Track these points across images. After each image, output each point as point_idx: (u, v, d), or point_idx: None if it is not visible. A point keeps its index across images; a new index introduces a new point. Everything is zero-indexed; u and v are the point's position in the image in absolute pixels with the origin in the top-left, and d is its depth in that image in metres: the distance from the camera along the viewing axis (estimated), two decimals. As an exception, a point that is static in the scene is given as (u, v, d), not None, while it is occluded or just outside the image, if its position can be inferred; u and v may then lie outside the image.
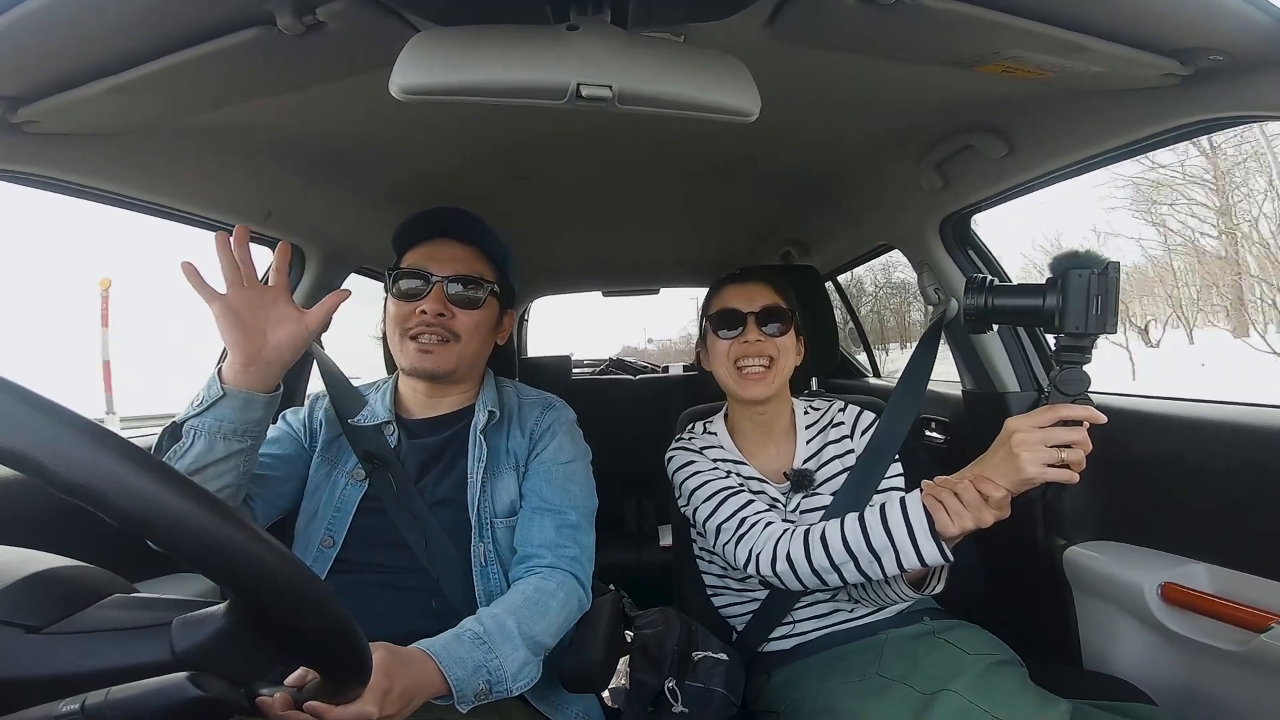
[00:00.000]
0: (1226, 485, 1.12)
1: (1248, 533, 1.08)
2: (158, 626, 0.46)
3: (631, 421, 2.99)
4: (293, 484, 1.14)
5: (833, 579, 1.02)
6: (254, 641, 0.47)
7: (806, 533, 1.05)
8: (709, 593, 1.33)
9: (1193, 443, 1.19)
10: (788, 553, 1.04)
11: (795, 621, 1.20)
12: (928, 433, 1.90)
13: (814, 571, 1.02)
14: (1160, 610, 1.16)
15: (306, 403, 1.24)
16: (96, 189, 1.11)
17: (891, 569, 0.96)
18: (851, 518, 1.01)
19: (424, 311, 1.07)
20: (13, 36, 0.72)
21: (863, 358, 3.25)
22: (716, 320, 1.25)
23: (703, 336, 1.31)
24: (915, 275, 1.73)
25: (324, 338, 1.69)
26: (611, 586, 1.25)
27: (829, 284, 2.73)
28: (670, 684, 1.08)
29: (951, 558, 0.93)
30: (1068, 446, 0.84)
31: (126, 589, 0.51)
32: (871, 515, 0.99)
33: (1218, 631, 1.08)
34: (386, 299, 1.14)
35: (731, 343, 1.22)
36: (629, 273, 3.17)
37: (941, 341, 1.48)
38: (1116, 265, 0.83)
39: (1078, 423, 0.84)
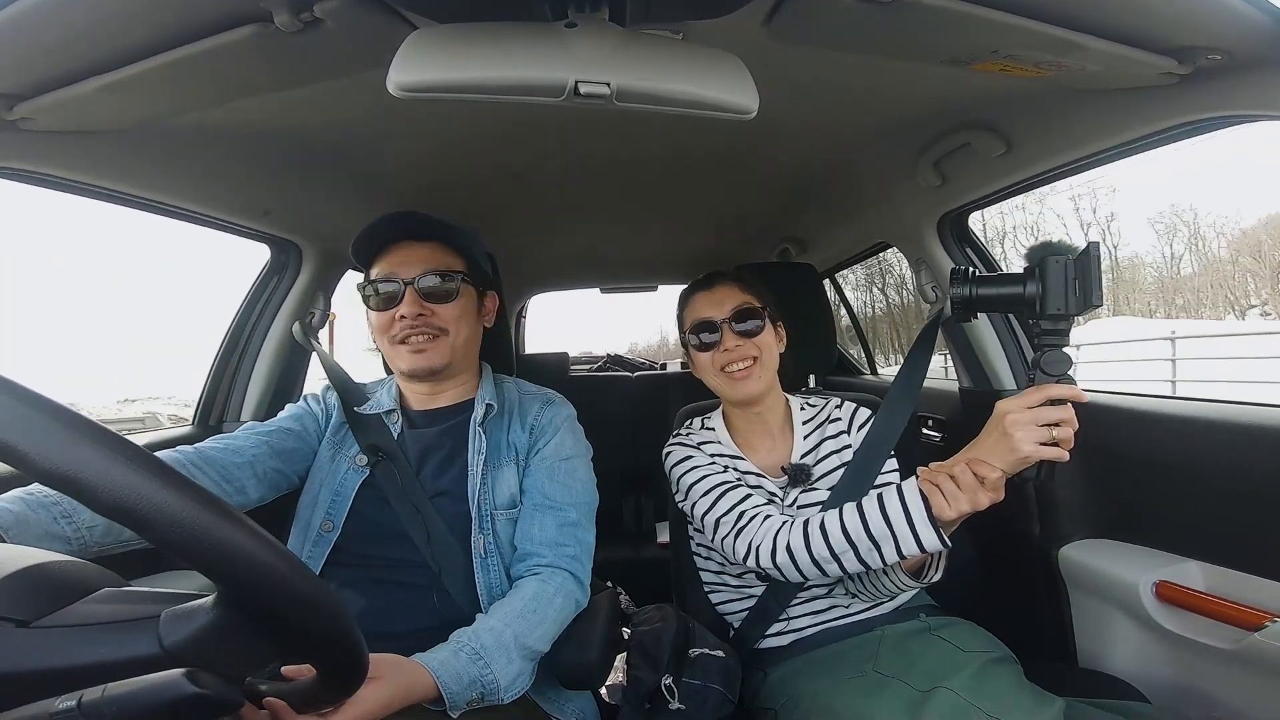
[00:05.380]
0: (1221, 484, 1.12)
1: (1242, 531, 1.09)
2: (146, 620, 0.46)
3: (629, 418, 2.99)
4: (309, 462, 1.17)
5: (833, 569, 1.02)
6: (245, 635, 0.46)
7: (806, 523, 1.05)
8: (706, 589, 1.33)
9: (1188, 441, 1.19)
10: (787, 544, 1.05)
11: (792, 618, 1.20)
12: (925, 430, 1.90)
13: (814, 561, 1.03)
14: (1155, 608, 1.16)
15: (320, 389, 1.27)
16: (93, 186, 1.11)
17: (891, 556, 0.97)
18: (850, 507, 1.02)
19: (403, 316, 1.09)
20: (9, 33, 0.72)
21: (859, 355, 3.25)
22: (693, 333, 1.25)
23: (685, 348, 1.31)
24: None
25: (321, 336, 1.70)
26: (609, 584, 1.26)
27: (827, 281, 2.74)
28: (667, 681, 1.08)
29: (949, 543, 0.94)
30: (1057, 425, 0.87)
31: (118, 584, 0.51)
32: (869, 504, 1.00)
33: (1212, 630, 1.08)
34: (367, 311, 1.15)
35: (713, 353, 1.23)
36: (627, 270, 3.17)
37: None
38: (1096, 245, 0.86)
39: (1063, 402, 0.88)
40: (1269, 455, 1.04)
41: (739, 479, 1.21)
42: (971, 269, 0.95)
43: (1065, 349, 0.89)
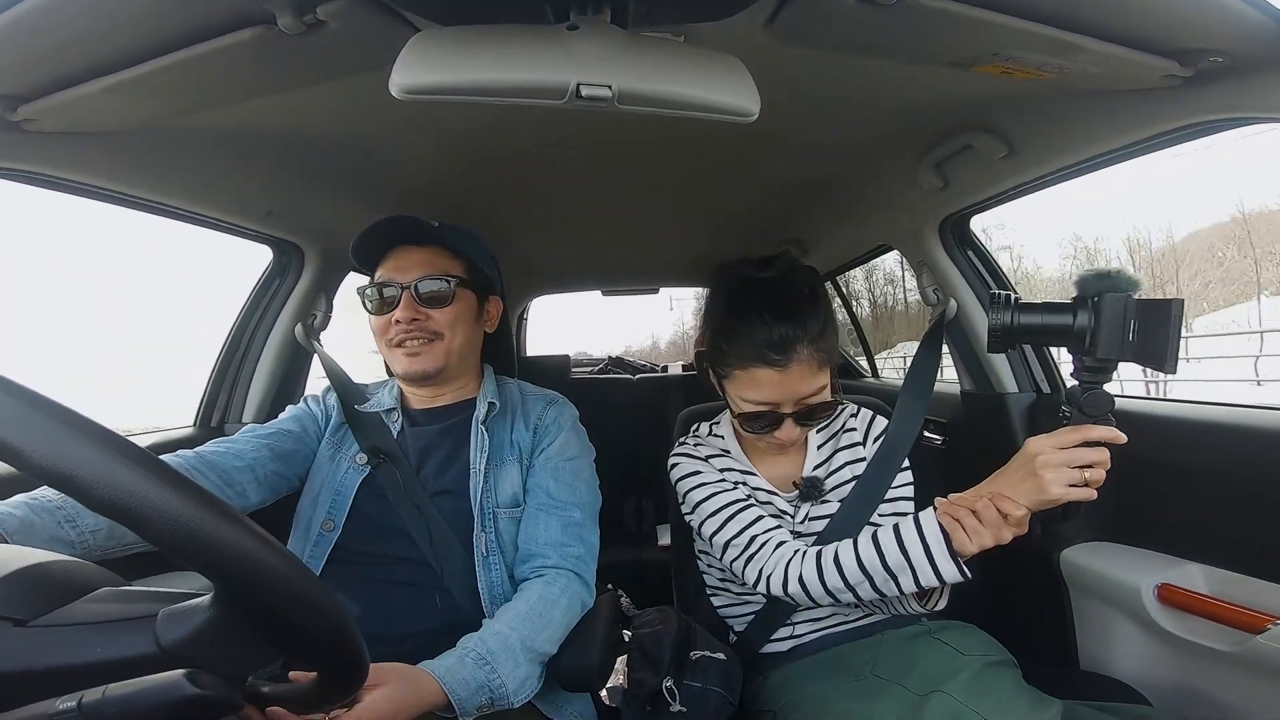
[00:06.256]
0: (1223, 486, 1.12)
1: (1244, 534, 1.09)
2: (143, 619, 0.46)
3: (630, 421, 2.99)
4: (309, 463, 1.17)
5: (847, 598, 1.00)
6: (242, 634, 0.46)
7: (819, 554, 1.02)
8: (708, 593, 1.33)
9: (1189, 443, 1.19)
10: (800, 575, 1.03)
11: (794, 624, 1.20)
12: (926, 434, 1.89)
13: (828, 592, 1.01)
14: (1156, 611, 1.16)
15: (320, 390, 1.28)
16: (96, 187, 1.11)
17: (909, 587, 0.95)
18: (865, 539, 1.00)
19: (398, 320, 1.10)
20: (12, 35, 0.72)
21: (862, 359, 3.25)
22: (746, 415, 1.10)
23: (720, 390, 1.17)
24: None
25: (323, 338, 1.70)
26: (609, 586, 1.26)
27: (828, 283, 2.74)
28: (668, 683, 1.08)
29: (970, 575, 0.92)
30: (1089, 466, 0.84)
31: (116, 584, 0.51)
32: (886, 534, 0.97)
33: (1214, 633, 1.08)
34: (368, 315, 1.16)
35: (763, 435, 1.12)
36: (628, 272, 3.17)
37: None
38: (1180, 304, 0.76)
39: (1099, 443, 0.84)
40: (1270, 457, 1.04)
41: (749, 496, 1.17)
42: (1013, 295, 0.88)
43: (1106, 386, 0.84)
